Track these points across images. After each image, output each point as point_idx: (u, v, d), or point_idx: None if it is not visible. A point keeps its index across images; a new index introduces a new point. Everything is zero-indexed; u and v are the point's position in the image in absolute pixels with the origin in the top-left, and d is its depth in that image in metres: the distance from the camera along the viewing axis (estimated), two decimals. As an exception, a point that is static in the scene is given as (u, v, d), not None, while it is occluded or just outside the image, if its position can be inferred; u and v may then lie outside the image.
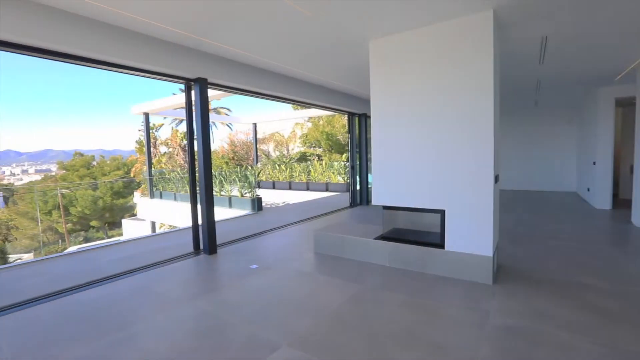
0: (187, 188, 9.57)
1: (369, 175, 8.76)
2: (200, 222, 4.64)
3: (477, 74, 3.30)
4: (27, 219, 23.67)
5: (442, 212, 3.64)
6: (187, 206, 9.30)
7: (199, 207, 4.64)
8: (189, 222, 9.27)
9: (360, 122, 8.61)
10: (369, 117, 8.62)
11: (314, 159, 17.75)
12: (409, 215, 4.15)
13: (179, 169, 12.04)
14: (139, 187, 21.17)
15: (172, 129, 21.05)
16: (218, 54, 4.51)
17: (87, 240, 23.55)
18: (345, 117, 18.09)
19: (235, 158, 17.13)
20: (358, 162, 8.68)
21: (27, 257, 19.88)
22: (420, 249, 3.75)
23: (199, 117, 4.38)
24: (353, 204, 8.72)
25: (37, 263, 4.60)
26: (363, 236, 4.24)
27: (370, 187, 8.84)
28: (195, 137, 4.56)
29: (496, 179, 3.44)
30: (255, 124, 14.22)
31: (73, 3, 3.00)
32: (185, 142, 19.25)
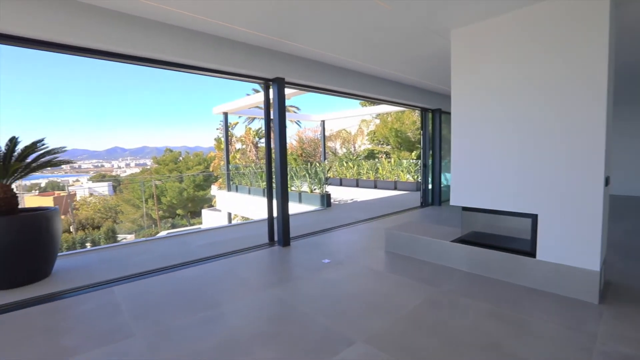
0: (260, 183, 10.20)
1: (443, 174, 8.29)
2: (275, 215, 4.88)
3: (586, 61, 2.87)
4: (129, 205, 27.66)
5: (533, 217, 3.27)
6: (260, 199, 9.98)
7: (274, 201, 4.87)
8: (261, 215, 9.97)
9: (434, 117, 8.17)
10: (445, 112, 8.13)
11: (381, 157, 17.43)
12: (489, 218, 3.82)
13: (252, 164, 12.85)
14: (216, 181, 23.19)
15: (246, 127, 22.56)
16: (295, 54, 4.68)
17: (173, 226, 26.49)
18: (417, 113, 17.41)
19: (304, 155, 17.68)
20: (431, 160, 8.27)
21: (130, 237, 23.21)
22: (505, 256, 3.43)
23: (276, 115, 4.60)
24: (424, 203, 8.35)
25: (141, 243, 5.33)
26: (438, 238, 4.02)
27: (444, 187, 8.36)
28: (272, 134, 4.79)
29: (606, 181, 2.96)
30: (323, 122, 14.46)
31: (165, 13, 3.35)
32: (257, 139, 20.49)
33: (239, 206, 11.37)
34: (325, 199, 8.10)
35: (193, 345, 2.32)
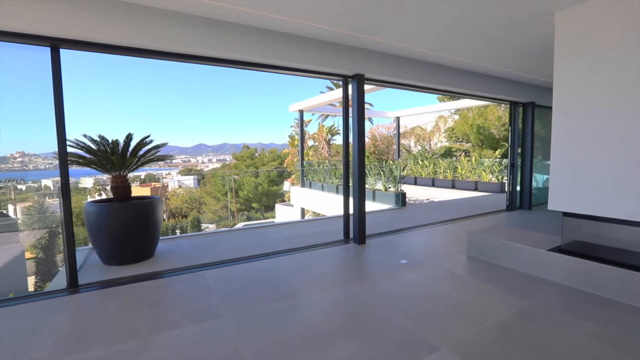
0: (334, 179, 10.38)
1: (534, 174, 7.41)
2: (351, 212, 4.93)
3: None
4: (211, 198, 30.62)
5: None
6: (333, 196, 10.16)
7: (350, 198, 4.92)
8: (334, 211, 10.16)
9: (525, 112, 7.34)
10: (538, 106, 7.25)
11: (460, 155, 16.28)
12: (597, 227, 3.31)
13: (326, 161, 13.13)
14: (289, 177, 24.26)
15: (319, 124, 23.11)
16: (375, 49, 4.63)
17: (248, 218, 28.53)
18: (502, 108, 15.82)
19: (376, 152, 17.44)
20: (519, 159, 7.46)
21: (212, 227, 25.69)
22: (620, 272, 2.93)
23: (355, 112, 4.63)
24: (511, 206, 7.58)
25: (224, 233, 5.87)
26: (531, 245, 3.62)
27: (535, 189, 7.47)
28: (350, 131, 4.83)
29: None
30: (398, 118, 14.07)
31: (247, 16, 3.55)
32: (329, 136, 20.85)
33: (312, 202, 11.74)
34: (401, 198, 7.89)
35: (276, 333, 2.48)
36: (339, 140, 23.63)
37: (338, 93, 10.49)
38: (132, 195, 4.48)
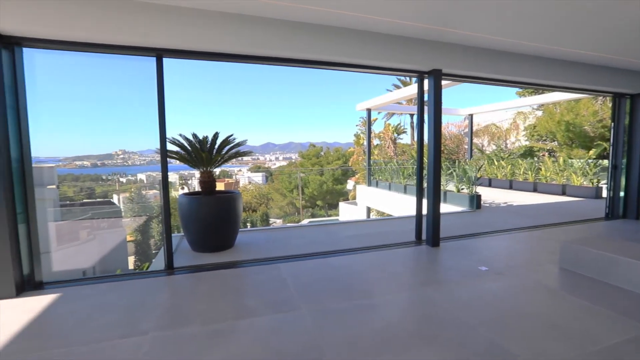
0: (402, 179, 10.10)
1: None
2: (423, 213, 4.74)
3: None
4: (277, 194, 32.05)
5: None
6: (400, 196, 9.89)
7: (423, 199, 4.73)
8: (401, 211, 9.88)
9: (633, 105, 6.26)
10: (655, 97, 6.12)
11: (543, 155, 14.58)
12: None
13: (394, 160, 12.82)
14: (353, 176, 24.20)
15: (385, 123, 22.68)
16: (453, 42, 4.37)
17: (312, 215, 29.22)
18: (599, 102, 13.73)
19: (445, 151, 16.49)
20: (624, 160, 6.39)
21: (279, 222, 26.89)
22: None
23: (431, 110, 4.43)
24: (611, 215, 6.55)
25: (296, 228, 6.10)
26: (649, 262, 3.08)
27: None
28: (425, 130, 4.64)
29: None
30: (471, 116, 13.13)
31: (327, 16, 3.59)
32: (395, 135, 20.33)
33: (378, 201, 11.57)
34: (475, 200, 7.35)
35: (353, 330, 2.50)
36: (405, 139, 22.93)
37: (407, 91, 10.16)
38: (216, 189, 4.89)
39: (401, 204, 9.71)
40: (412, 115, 24.71)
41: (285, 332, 2.50)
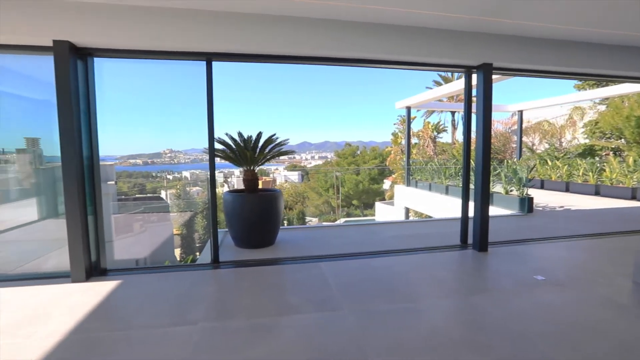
0: (443, 179, 9.70)
1: None
2: (470, 215, 4.50)
3: None
4: (313, 192, 32.30)
5: None
6: (442, 197, 9.52)
7: (470, 200, 4.50)
8: (441, 213, 9.50)
9: None
10: None
11: (607, 154, 13.25)
12: None
13: (435, 160, 12.37)
14: (390, 175, 23.69)
15: (424, 121, 21.96)
16: (505, 33, 4.08)
17: (348, 215, 29.10)
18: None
19: (491, 150, 15.60)
20: None
21: (315, 220, 27.12)
22: None
23: (480, 107, 4.19)
24: (692, 223, 5.79)
25: (335, 228, 6.09)
26: None
27: None
28: (472, 128, 4.41)
29: None
30: (521, 112, 12.27)
31: (373, 14, 3.52)
32: (435, 133, 19.60)
33: (417, 202, 11.23)
34: (527, 203, 6.84)
35: (396, 334, 2.43)
36: (445, 137, 22.03)
37: (450, 87, 9.73)
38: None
39: (442, 205, 9.34)
40: (453, 113, 23.65)
41: (328, 331, 2.49)
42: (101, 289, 3.24)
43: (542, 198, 9.14)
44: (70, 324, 2.59)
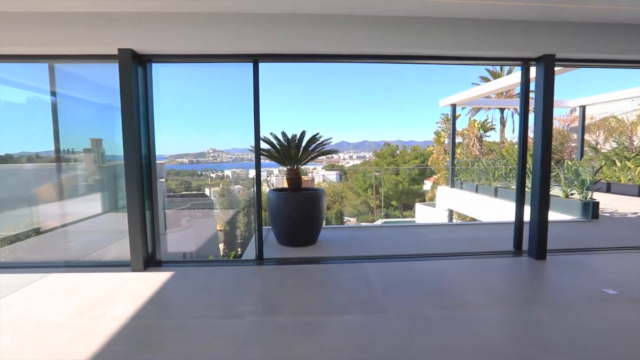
0: (492, 181, 9.15)
1: None
2: (525, 219, 4.18)
3: None
4: (351, 192, 32.09)
5: None
6: (489, 199, 8.97)
7: (523, 202, 4.18)
8: (489, 216, 8.96)
9: None
10: None
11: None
12: None
13: (483, 160, 11.71)
14: (431, 176, 22.82)
15: (470, 119, 20.90)
16: (569, 20, 3.70)
17: (386, 216, 28.50)
18: None
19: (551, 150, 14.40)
20: None
21: (353, 220, 26.93)
22: None
23: (539, 103, 3.87)
24: None
25: (379, 228, 5.98)
26: None
27: None
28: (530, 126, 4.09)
29: None
30: (583, 107, 11.21)
31: (414, 5, 3.38)
32: (481, 132, 18.55)
33: (462, 204, 10.70)
34: (591, 208, 6.22)
35: (445, 341, 2.32)
36: (492, 136, 20.78)
37: (500, 83, 9.09)
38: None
39: (491, 208, 8.80)
40: (502, 110, 22.26)
41: (375, 332, 2.44)
42: (157, 279, 3.46)
43: (609, 203, 8.27)
44: (132, 310, 2.80)
